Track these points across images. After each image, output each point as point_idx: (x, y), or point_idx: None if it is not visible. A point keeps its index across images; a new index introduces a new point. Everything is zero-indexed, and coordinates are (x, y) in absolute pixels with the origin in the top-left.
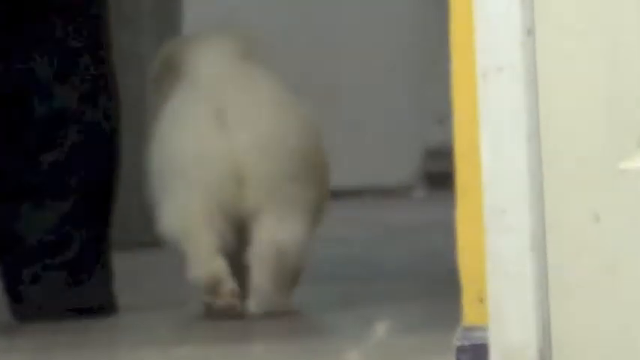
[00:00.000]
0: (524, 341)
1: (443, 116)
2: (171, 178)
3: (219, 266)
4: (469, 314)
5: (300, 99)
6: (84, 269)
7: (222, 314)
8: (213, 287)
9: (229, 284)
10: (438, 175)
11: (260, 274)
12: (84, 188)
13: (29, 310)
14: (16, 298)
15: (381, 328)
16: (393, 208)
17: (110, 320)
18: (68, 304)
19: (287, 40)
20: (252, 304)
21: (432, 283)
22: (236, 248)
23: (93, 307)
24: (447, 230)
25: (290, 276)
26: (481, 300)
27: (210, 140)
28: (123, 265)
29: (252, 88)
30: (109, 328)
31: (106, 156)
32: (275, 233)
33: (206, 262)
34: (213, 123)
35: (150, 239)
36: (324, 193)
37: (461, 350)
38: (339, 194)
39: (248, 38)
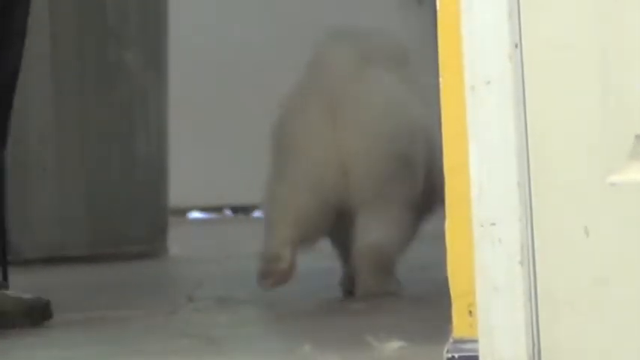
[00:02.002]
0: (513, 354)
1: None
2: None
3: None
4: (459, 326)
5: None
6: None
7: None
8: (269, 261)
9: (284, 264)
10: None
11: (362, 270)
12: None
13: None
14: None
15: (370, 339)
16: None
17: (101, 331)
18: None
19: (278, 55)
20: (358, 292)
21: (422, 295)
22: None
23: None
24: (436, 242)
25: (387, 267)
26: (471, 312)
27: (321, 137)
28: (113, 276)
29: (365, 90)
30: (101, 339)
31: None
32: (373, 233)
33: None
34: (326, 121)
35: (139, 251)
36: (427, 193)
37: None
38: None
39: (371, 44)
